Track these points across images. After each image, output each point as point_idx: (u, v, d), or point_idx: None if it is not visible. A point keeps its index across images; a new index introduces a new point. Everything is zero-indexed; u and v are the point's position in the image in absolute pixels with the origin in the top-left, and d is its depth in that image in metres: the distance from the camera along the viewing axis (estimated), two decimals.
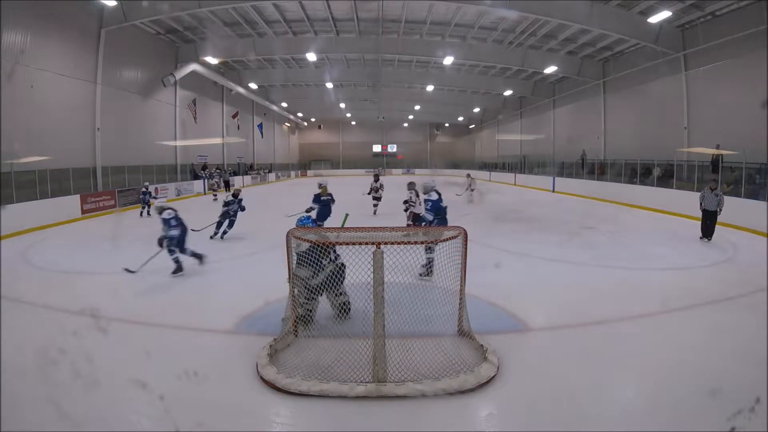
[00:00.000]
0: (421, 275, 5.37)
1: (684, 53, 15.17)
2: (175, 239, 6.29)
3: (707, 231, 8.81)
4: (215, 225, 9.18)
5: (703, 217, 8.90)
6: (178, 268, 6.33)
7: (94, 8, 14.13)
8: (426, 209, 6.23)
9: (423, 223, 6.43)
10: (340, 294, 4.38)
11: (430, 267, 5.47)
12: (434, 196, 6.25)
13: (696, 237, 8.99)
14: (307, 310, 4.18)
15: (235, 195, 9.27)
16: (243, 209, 9.32)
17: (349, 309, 4.35)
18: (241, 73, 25.43)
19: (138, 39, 17.16)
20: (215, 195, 19.41)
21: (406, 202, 8.37)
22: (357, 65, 24.28)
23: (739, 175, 11.17)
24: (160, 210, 6.42)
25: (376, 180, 13.01)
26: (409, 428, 2.87)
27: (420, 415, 2.97)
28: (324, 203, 8.60)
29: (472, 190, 17.00)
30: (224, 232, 9.23)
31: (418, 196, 7.14)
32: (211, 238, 9.00)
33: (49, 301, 5.28)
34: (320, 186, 8.90)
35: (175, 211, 6.41)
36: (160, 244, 6.37)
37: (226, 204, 9.17)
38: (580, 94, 22.85)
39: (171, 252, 6.32)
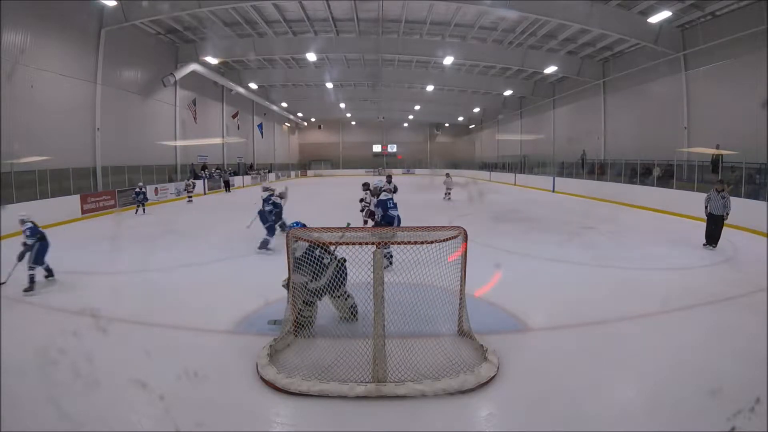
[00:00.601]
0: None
1: (684, 53, 15.17)
2: (31, 254, 5.94)
3: (712, 237, 8.09)
4: (267, 231, 8.02)
5: (708, 222, 8.18)
6: (29, 288, 5.74)
7: (94, 8, 14.13)
8: (389, 207, 6.73)
9: (376, 221, 6.84)
10: (347, 297, 4.31)
11: (390, 258, 5.96)
12: (385, 196, 6.86)
13: (697, 237, 8.87)
14: (305, 317, 4.07)
15: (282, 196, 8.71)
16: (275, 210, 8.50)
17: (357, 311, 4.30)
18: (241, 73, 25.43)
19: (138, 39, 17.17)
20: (190, 197, 18.53)
21: (362, 200, 9.25)
22: (357, 65, 24.28)
23: (739, 175, 11.16)
24: (21, 222, 6.15)
25: (389, 181, 12.12)
26: (409, 428, 2.87)
27: (420, 415, 2.97)
28: (275, 204, 8.63)
29: (450, 189, 17.40)
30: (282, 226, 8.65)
31: (373, 196, 7.53)
32: (267, 249, 7.89)
33: (49, 301, 5.28)
34: (266, 189, 8.77)
35: (33, 224, 6.13)
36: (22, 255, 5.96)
37: (276, 206, 8.39)
38: (580, 94, 22.85)
39: (30, 268, 5.88)
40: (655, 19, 13.50)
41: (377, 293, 3.32)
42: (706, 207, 8.19)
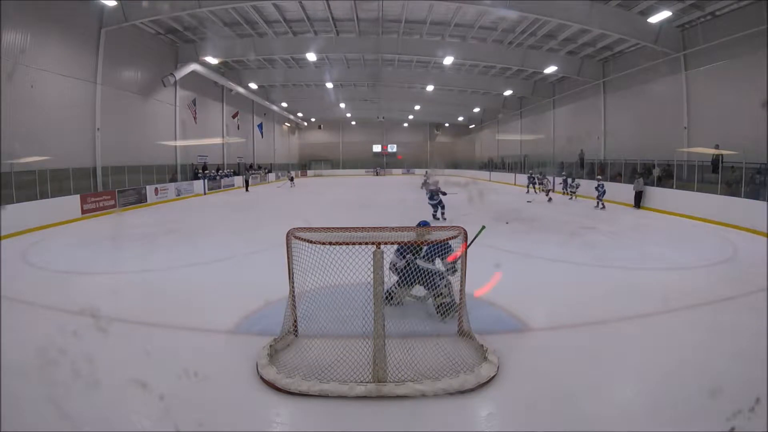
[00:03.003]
0: None
1: (684, 53, 15.16)
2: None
3: None
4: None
5: None
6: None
7: (94, 8, 14.12)
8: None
9: None
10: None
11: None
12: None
13: (697, 237, 8.78)
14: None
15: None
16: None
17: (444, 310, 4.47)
18: (241, 73, 25.42)
19: (138, 39, 17.16)
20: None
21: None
22: (357, 65, 24.28)
23: (739, 175, 11.16)
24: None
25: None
26: (409, 428, 2.87)
27: (420, 415, 2.97)
28: None
29: (428, 180, 19.67)
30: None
31: None
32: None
33: (49, 301, 5.28)
34: None
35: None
36: None
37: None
38: (580, 94, 22.84)
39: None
40: (655, 19, 13.49)
41: (377, 293, 3.32)
42: None
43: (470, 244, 4.24)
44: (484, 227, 5.07)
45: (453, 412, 3.02)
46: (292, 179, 28.04)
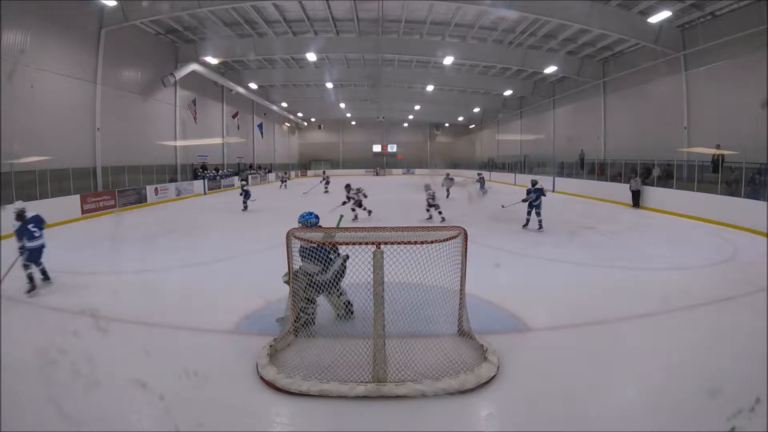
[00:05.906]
0: None
1: (684, 53, 15.16)
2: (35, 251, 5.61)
3: None
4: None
5: None
6: (32, 287, 5.55)
7: (94, 8, 14.11)
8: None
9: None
10: (341, 293, 4.35)
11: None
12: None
13: (697, 237, 8.80)
14: (308, 314, 4.13)
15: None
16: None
17: (352, 308, 4.32)
18: (241, 73, 25.42)
19: (138, 39, 17.16)
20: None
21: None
22: (357, 65, 24.28)
23: (739, 175, 11.15)
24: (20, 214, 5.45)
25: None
26: (409, 428, 2.87)
27: (420, 415, 2.97)
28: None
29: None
30: None
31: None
32: None
33: (49, 301, 5.28)
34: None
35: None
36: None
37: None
38: (580, 94, 22.85)
39: (26, 266, 5.52)
40: (655, 19, 13.49)
41: (377, 293, 3.32)
42: None
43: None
44: (342, 216, 5.57)
45: (453, 412, 3.02)
46: (284, 181, 27.61)
